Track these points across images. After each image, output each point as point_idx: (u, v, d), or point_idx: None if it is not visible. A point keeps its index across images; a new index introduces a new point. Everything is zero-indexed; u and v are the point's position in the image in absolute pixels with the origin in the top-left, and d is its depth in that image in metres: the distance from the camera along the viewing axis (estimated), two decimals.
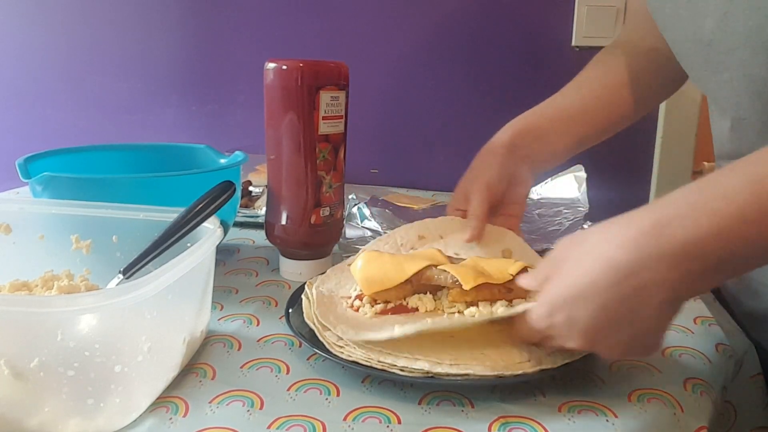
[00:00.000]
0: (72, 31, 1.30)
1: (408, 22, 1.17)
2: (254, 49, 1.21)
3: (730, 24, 0.51)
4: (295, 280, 0.70)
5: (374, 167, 1.24)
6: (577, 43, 1.11)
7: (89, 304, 0.40)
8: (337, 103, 0.66)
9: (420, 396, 0.47)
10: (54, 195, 0.63)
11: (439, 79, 1.18)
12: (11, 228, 0.60)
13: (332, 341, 0.50)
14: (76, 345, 0.40)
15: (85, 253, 0.60)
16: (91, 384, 0.41)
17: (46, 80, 1.33)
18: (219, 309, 0.62)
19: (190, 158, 0.81)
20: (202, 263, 0.50)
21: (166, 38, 1.27)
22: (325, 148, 0.67)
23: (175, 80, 1.29)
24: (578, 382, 0.49)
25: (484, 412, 0.45)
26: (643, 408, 0.46)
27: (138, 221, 0.58)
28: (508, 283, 0.55)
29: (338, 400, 0.47)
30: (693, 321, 0.60)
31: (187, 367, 0.51)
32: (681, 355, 0.54)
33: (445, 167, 1.22)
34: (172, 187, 0.66)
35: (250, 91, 1.23)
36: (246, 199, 0.96)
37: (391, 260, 0.57)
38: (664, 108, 1.11)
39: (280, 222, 0.69)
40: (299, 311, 0.57)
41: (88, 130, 1.33)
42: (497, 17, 1.14)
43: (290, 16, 1.20)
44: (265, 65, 0.66)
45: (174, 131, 1.30)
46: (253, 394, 0.47)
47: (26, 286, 0.56)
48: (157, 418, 0.44)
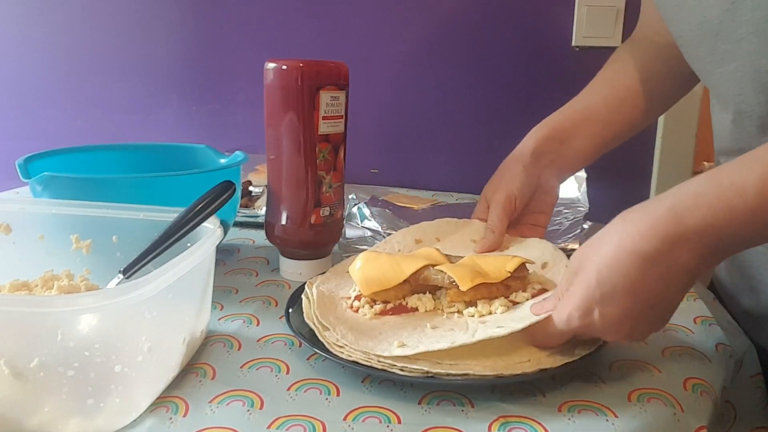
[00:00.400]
0: (72, 31, 1.30)
1: (408, 22, 1.17)
2: (254, 49, 1.21)
3: (738, 13, 0.51)
4: (295, 280, 0.70)
5: (374, 167, 1.24)
6: (577, 43, 1.11)
7: (89, 304, 0.40)
8: (337, 103, 0.66)
9: (420, 396, 0.47)
10: (54, 195, 0.63)
11: (439, 79, 1.18)
12: (11, 228, 0.60)
13: (332, 341, 0.50)
14: (76, 345, 0.40)
15: (85, 253, 0.60)
16: (91, 384, 0.41)
17: (46, 80, 1.33)
18: (219, 309, 0.62)
19: (190, 158, 0.81)
20: (202, 263, 0.50)
21: (166, 38, 1.27)
22: (325, 148, 0.67)
23: (175, 80, 1.29)
24: (578, 382, 0.49)
25: (484, 411, 0.45)
26: (643, 408, 0.46)
27: (138, 221, 0.58)
28: (506, 280, 0.55)
29: (338, 400, 0.47)
30: (693, 321, 0.60)
31: (187, 367, 0.51)
32: (681, 355, 0.54)
33: (445, 167, 1.22)
34: (172, 187, 0.66)
35: (250, 91, 1.23)
36: (246, 199, 0.96)
37: (389, 260, 0.57)
38: None
39: (280, 222, 0.69)
40: (299, 311, 0.57)
41: (88, 130, 1.33)
42: (497, 17, 1.14)
43: (290, 16, 1.20)
44: (265, 65, 0.66)
45: (174, 131, 1.30)
46: (253, 394, 0.47)
47: (26, 286, 0.56)
48: (157, 418, 0.44)
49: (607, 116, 0.71)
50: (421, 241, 0.68)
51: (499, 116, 1.16)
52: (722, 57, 0.54)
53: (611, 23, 1.09)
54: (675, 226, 0.42)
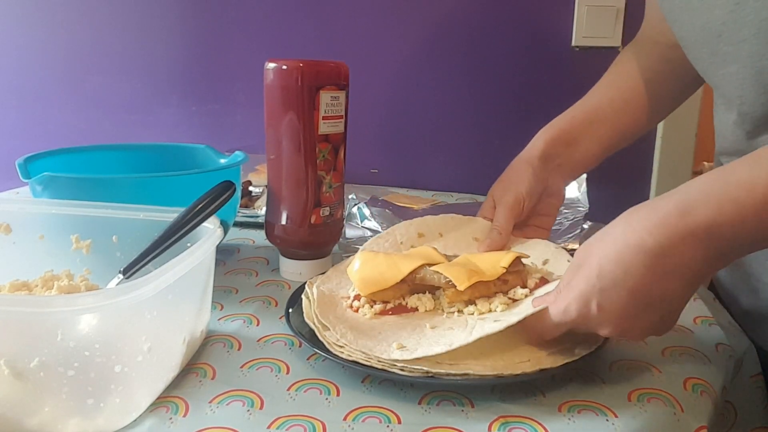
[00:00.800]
0: (72, 31, 1.30)
1: (408, 22, 1.17)
2: (254, 49, 1.21)
3: (741, 14, 0.51)
4: (295, 280, 0.70)
5: (374, 167, 1.24)
6: (577, 43, 1.11)
7: (89, 304, 0.40)
8: (337, 103, 0.66)
9: (420, 396, 0.47)
10: (54, 195, 0.63)
11: (439, 79, 1.18)
12: (11, 228, 0.60)
13: (332, 341, 0.50)
14: (76, 345, 0.40)
15: (85, 253, 0.60)
16: (91, 384, 0.41)
17: (46, 80, 1.33)
18: (219, 309, 0.62)
19: (190, 158, 0.81)
20: (202, 263, 0.50)
21: (166, 38, 1.27)
22: (325, 148, 0.67)
23: (175, 80, 1.29)
24: (578, 382, 0.49)
25: (484, 411, 0.45)
26: (643, 408, 0.46)
27: (138, 221, 0.58)
28: (503, 275, 0.55)
29: (338, 400, 0.47)
30: (693, 321, 0.60)
31: (187, 367, 0.51)
32: (681, 355, 0.54)
33: (445, 167, 1.22)
34: (172, 187, 0.66)
35: (250, 91, 1.23)
36: (246, 199, 0.96)
37: (387, 260, 0.57)
38: None
39: (280, 222, 0.69)
40: (299, 311, 0.57)
41: (88, 130, 1.33)
42: (497, 17, 1.14)
43: (290, 16, 1.20)
44: (265, 65, 0.66)
45: (174, 131, 1.30)
46: (253, 394, 0.47)
47: (26, 286, 0.56)
48: (157, 418, 0.44)
49: (614, 119, 0.71)
50: (424, 235, 0.67)
51: (499, 116, 1.16)
52: (724, 58, 0.54)
53: (611, 23, 1.09)
54: (681, 222, 0.42)
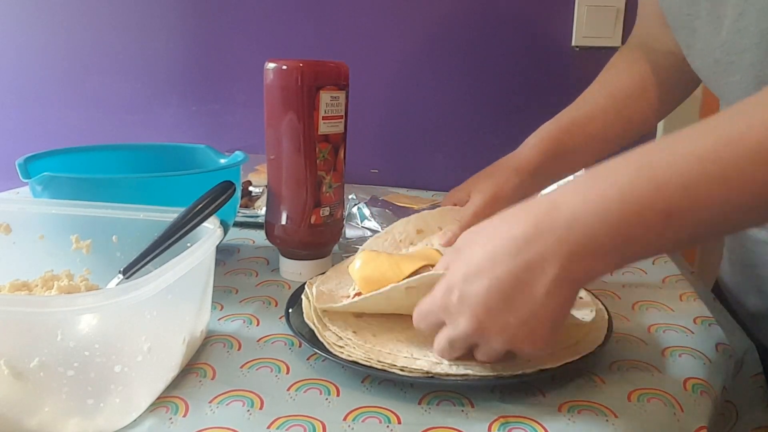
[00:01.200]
0: (72, 31, 1.30)
1: (408, 22, 1.17)
2: (254, 49, 1.21)
3: (744, 25, 0.51)
4: (295, 280, 0.70)
5: (374, 167, 1.24)
6: (577, 43, 1.11)
7: (89, 304, 0.40)
8: (337, 103, 0.66)
9: (420, 396, 0.47)
10: (54, 195, 0.63)
11: (439, 79, 1.18)
12: (11, 228, 0.60)
13: (332, 341, 0.50)
14: (76, 345, 0.40)
15: (85, 253, 0.60)
16: (91, 384, 0.41)
17: (46, 80, 1.33)
18: (219, 309, 0.62)
19: (190, 158, 0.81)
20: (202, 263, 0.50)
21: (166, 38, 1.27)
22: (325, 148, 0.67)
23: (175, 80, 1.29)
24: (578, 382, 0.49)
25: (484, 412, 0.45)
26: (643, 408, 0.46)
27: (138, 221, 0.58)
28: None
29: (338, 400, 0.47)
30: (693, 321, 0.60)
31: (187, 367, 0.51)
32: (681, 355, 0.54)
33: (445, 167, 1.22)
34: (172, 187, 0.66)
35: (250, 91, 1.23)
36: (246, 199, 0.96)
37: (388, 260, 0.57)
38: None
39: (280, 222, 0.69)
40: (299, 311, 0.57)
41: (88, 130, 1.33)
42: (497, 17, 1.14)
43: (290, 16, 1.20)
44: (265, 65, 0.66)
45: (174, 131, 1.30)
46: (253, 394, 0.47)
47: (26, 286, 0.56)
48: (157, 418, 0.44)
49: (606, 129, 0.71)
50: (423, 231, 0.67)
51: (499, 116, 1.16)
52: (727, 68, 0.54)
53: (611, 23, 1.09)
54: (549, 214, 0.41)
